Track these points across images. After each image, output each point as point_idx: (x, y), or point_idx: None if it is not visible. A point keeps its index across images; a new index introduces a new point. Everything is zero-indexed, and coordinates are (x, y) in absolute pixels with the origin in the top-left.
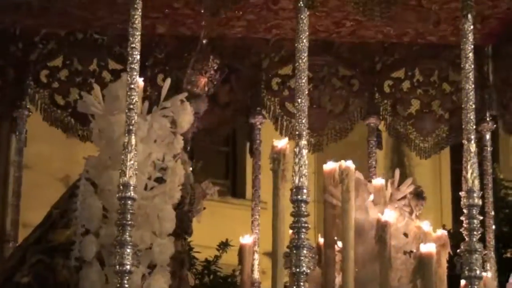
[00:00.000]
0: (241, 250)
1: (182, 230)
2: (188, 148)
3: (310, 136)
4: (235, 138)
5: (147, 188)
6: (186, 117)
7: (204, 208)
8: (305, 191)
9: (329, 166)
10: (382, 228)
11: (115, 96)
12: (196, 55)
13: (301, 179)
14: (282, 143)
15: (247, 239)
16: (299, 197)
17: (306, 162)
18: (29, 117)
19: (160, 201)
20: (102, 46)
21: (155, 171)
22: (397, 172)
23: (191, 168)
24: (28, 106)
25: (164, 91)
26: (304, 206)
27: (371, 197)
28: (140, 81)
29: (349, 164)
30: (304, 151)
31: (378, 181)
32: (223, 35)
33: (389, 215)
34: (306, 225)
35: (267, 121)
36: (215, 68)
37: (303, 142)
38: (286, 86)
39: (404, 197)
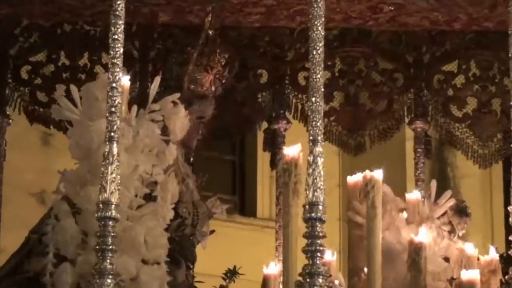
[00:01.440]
0: (265, 282)
1: (184, 257)
2: (192, 158)
3: (348, 137)
4: (243, 145)
5: (133, 206)
6: (179, 122)
7: (212, 232)
8: (320, 207)
9: (355, 178)
10: (416, 251)
11: (93, 97)
12: (199, 47)
13: (315, 193)
14: (294, 150)
15: (272, 269)
16: (313, 214)
17: (322, 172)
18: None
19: (149, 222)
20: (95, 38)
21: (142, 186)
22: (434, 184)
23: (195, 183)
24: (8, 113)
25: (152, 91)
26: (319, 225)
27: (404, 214)
28: (125, 80)
29: (376, 174)
30: (320, 160)
31: (413, 195)
32: (237, 24)
33: (425, 235)
34: (321, 248)
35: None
36: (223, 63)
37: (318, 149)
38: None
39: (444, 214)
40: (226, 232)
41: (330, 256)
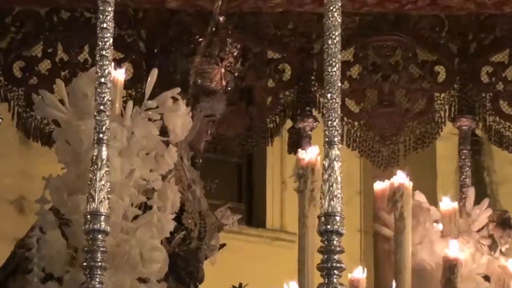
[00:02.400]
0: None
1: (189, 274)
2: (199, 162)
3: (381, 144)
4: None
5: (128, 217)
6: (179, 121)
7: (223, 246)
8: (337, 218)
9: (382, 185)
10: (450, 268)
11: (82, 94)
12: (208, 36)
13: (331, 203)
14: (310, 153)
15: None
16: (329, 227)
17: (339, 179)
18: None
19: (145, 235)
20: (96, 27)
21: (138, 194)
22: (472, 191)
23: (202, 191)
24: None
25: (149, 86)
26: (336, 239)
27: (439, 226)
28: (119, 73)
29: (404, 180)
30: (337, 164)
31: (448, 205)
32: (256, 9)
33: (460, 250)
34: (339, 265)
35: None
36: (235, 54)
37: (335, 152)
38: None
39: (484, 227)
40: (230, 245)
41: (359, 273)
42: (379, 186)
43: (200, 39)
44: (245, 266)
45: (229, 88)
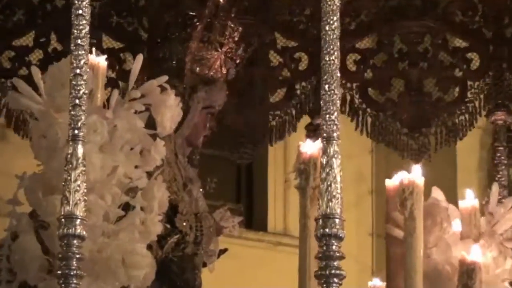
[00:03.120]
0: None
1: (185, 282)
2: (196, 158)
3: (409, 137)
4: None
5: (110, 219)
6: (168, 112)
7: (224, 251)
8: (337, 221)
9: (395, 182)
10: (468, 273)
11: (59, 84)
12: (206, 19)
13: (330, 204)
14: (312, 147)
15: None
16: (327, 230)
17: (338, 178)
18: None
19: (129, 239)
20: (93, 15)
21: (122, 193)
22: (495, 189)
23: (200, 190)
24: None
25: (133, 74)
26: (335, 244)
27: (457, 226)
28: (100, 60)
29: (415, 176)
30: (335, 162)
31: (468, 202)
32: None
33: (480, 253)
34: (338, 272)
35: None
36: (236, 38)
37: (334, 148)
38: (369, 64)
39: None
40: (228, 251)
41: (378, 282)
42: (392, 183)
43: (197, 23)
44: (244, 274)
45: (230, 77)
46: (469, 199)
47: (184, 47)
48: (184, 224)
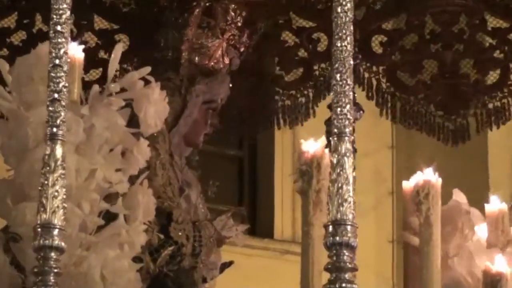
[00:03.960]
0: None
1: None
2: (195, 159)
3: (443, 119)
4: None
5: (88, 229)
6: (152, 108)
7: (229, 264)
8: (348, 228)
9: (413, 182)
10: (493, 284)
11: (27, 77)
12: (205, 2)
13: (341, 208)
14: (315, 145)
15: None
16: (337, 238)
17: (351, 179)
18: None
19: (109, 251)
20: None
21: (101, 200)
22: None
23: (200, 196)
24: None
25: (113, 64)
26: (347, 254)
27: (482, 233)
28: (77, 50)
29: (431, 176)
30: (347, 161)
31: (495, 206)
32: None
33: (507, 263)
34: (350, 285)
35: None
36: (240, 24)
37: (346, 145)
38: (397, 46)
39: None
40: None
41: None
42: (409, 185)
43: (195, 4)
44: (248, 286)
45: (233, 67)
46: (496, 203)
47: (181, 34)
48: (180, 234)
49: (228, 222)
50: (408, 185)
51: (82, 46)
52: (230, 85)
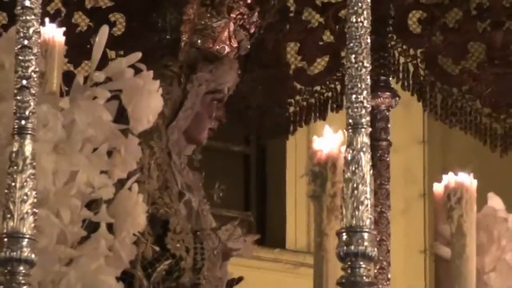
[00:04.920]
0: None
1: None
2: (198, 159)
3: (492, 119)
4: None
5: (68, 241)
6: (144, 101)
7: (238, 281)
8: (365, 236)
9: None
10: None
11: None
12: None
13: (356, 213)
14: (330, 142)
15: None
16: (352, 247)
17: (368, 178)
18: None
19: (90, 267)
20: None
21: (82, 208)
22: None
23: (204, 202)
24: None
25: (97, 49)
26: (364, 265)
27: None
28: (56, 32)
29: (465, 177)
30: (364, 157)
31: None
32: None
33: None
34: None
35: None
36: (249, 0)
37: (362, 138)
38: (439, 23)
39: None
40: (235, 274)
41: None
42: (440, 187)
43: None
44: None
45: (242, 51)
46: None
47: (181, 13)
48: (178, 245)
49: (235, 231)
50: (439, 187)
51: (63, 28)
52: (239, 72)
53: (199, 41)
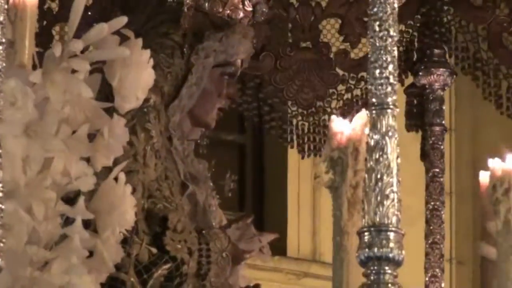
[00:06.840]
0: None
1: None
2: (203, 143)
3: None
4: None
5: (42, 242)
6: (131, 74)
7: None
8: (391, 236)
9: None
10: None
11: None
12: None
13: (380, 208)
14: (352, 123)
15: None
16: (375, 250)
17: (395, 168)
18: None
19: (65, 271)
20: None
21: (59, 202)
22: None
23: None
24: None
25: (75, 14)
26: (389, 271)
27: None
28: None
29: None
30: (390, 143)
31: None
32: None
33: None
34: None
35: None
36: None
37: (388, 121)
38: None
39: None
40: None
41: None
42: (487, 176)
43: None
44: None
45: (258, 18)
46: None
47: None
48: (179, 246)
49: (248, 230)
50: (485, 177)
51: None
52: (254, 42)
53: (206, 4)
